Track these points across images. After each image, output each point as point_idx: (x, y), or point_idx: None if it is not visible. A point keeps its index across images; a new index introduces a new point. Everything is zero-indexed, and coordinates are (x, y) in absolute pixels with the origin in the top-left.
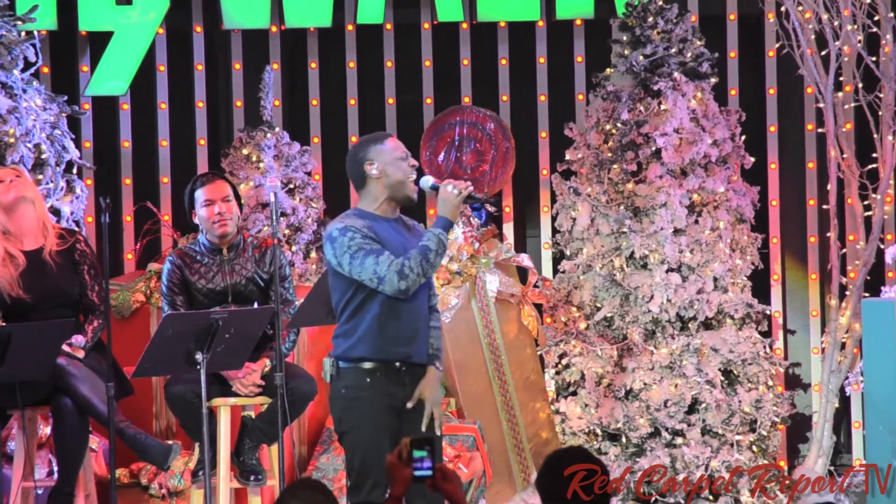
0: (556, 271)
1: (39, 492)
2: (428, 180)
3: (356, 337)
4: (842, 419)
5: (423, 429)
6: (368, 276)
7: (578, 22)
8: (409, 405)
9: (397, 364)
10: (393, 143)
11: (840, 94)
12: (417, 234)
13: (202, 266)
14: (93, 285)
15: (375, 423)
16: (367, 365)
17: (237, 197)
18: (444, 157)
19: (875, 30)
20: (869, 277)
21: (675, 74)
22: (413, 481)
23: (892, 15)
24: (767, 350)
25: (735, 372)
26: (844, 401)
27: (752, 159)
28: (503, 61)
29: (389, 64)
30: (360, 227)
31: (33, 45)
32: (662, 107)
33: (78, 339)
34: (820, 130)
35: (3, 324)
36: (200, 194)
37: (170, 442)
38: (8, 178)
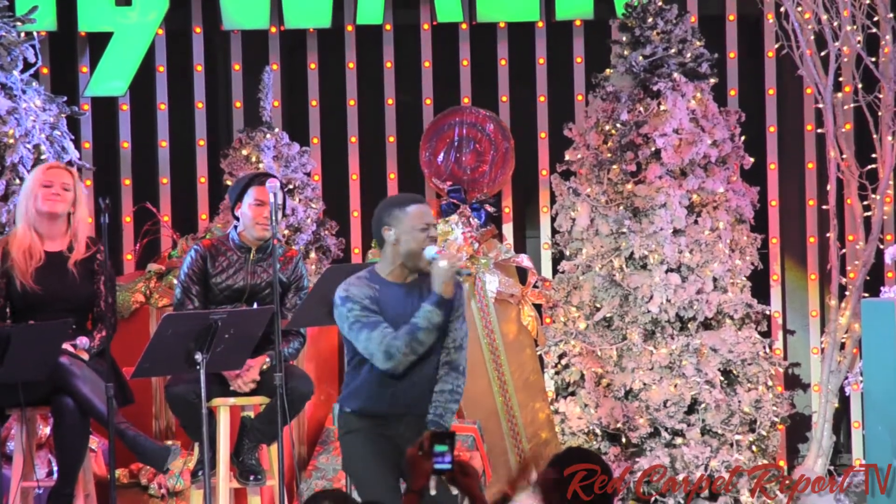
0: (555, 272)
1: (39, 492)
2: (431, 251)
3: (352, 389)
4: (841, 419)
5: (433, 492)
6: (361, 349)
7: (578, 22)
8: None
9: (395, 415)
10: (416, 210)
11: (839, 94)
12: (428, 292)
13: (226, 260)
14: (106, 296)
15: (373, 451)
16: (375, 413)
17: (284, 204)
18: (443, 158)
19: (874, 30)
20: (868, 278)
21: (675, 75)
22: (433, 474)
23: (891, 15)
24: (767, 350)
25: (734, 372)
26: (844, 401)
27: (752, 160)
28: (503, 62)
29: (389, 64)
30: (360, 297)
31: (33, 46)
32: (662, 107)
33: (83, 341)
34: (819, 131)
35: (9, 321)
36: (253, 192)
37: (168, 442)
38: (58, 184)
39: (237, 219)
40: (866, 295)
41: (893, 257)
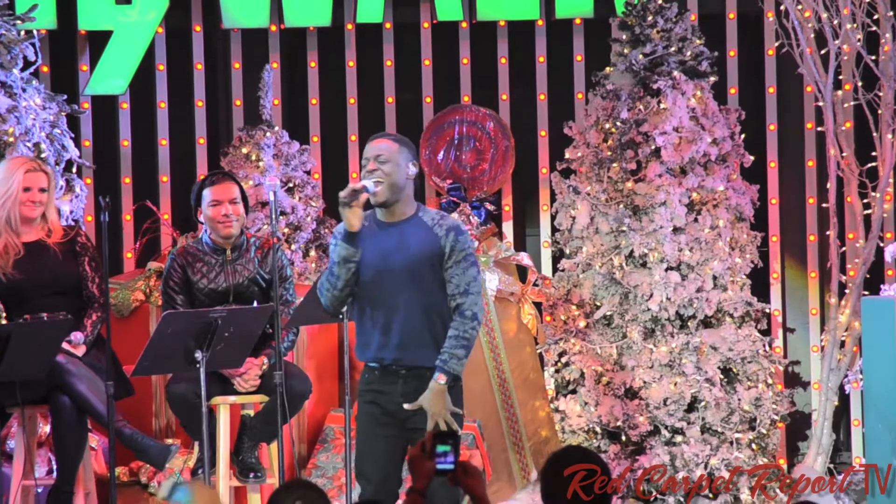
0: (555, 270)
1: (39, 490)
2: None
3: (357, 338)
4: (841, 417)
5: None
6: None
7: (578, 21)
8: (406, 406)
9: (382, 365)
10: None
11: (839, 92)
12: (411, 234)
13: (205, 265)
14: (93, 277)
15: (365, 421)
16: (370, 364)
17: (244, 198)
18: (443, 156)
19: (874, 28)
20: (868, 276)
21: (675, 73)
22: (435, 475)
23: (891, 14)
24: (767, 348)
25: (734, 370)
26: (844, 399)
27: (752, 158)
28: (503, 60)
29: (389, 63)
30: (338, 232)
31: (33, 45)
32: (662, 105)
33: (77, 336)
34: (819, 129)
35: (4, 315)
36: (208, 194)
37: (168, 441)
38: (36, 189)
39: (202, 223)
40: (866, 293)
41: (893, 255)
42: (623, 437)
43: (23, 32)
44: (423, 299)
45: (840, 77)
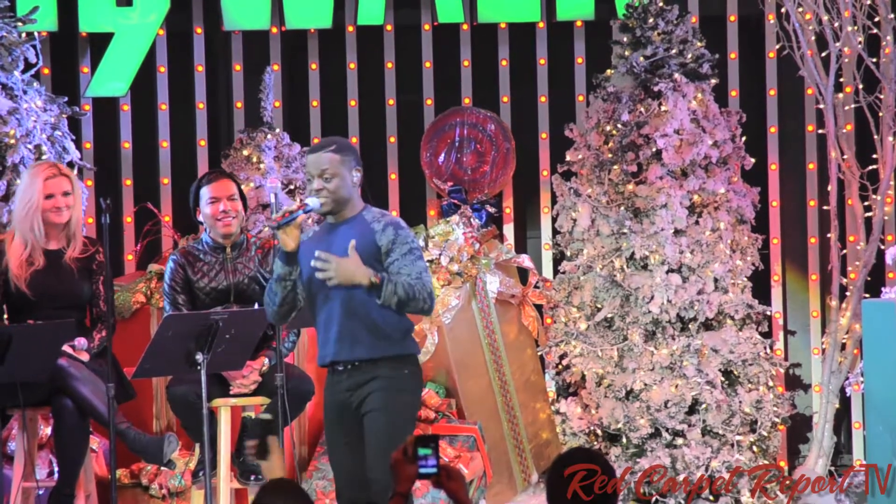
0: (556, 272)
1: (40, 492)
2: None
3: None
4: (842, 420)
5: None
6: None
7: (579, 23)
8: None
9: (326, 363)
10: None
11: (840, 95)
12: (349, 233)
13: (205, 265)
14: (106, 296)
15: (328, 423)
16: (326, 366)
17: (242, 196)
18: (444, 158)
19: (875, 31)
20: (869, 278)
21: (676, 75)
22: (418, 479)
23: (892, 16)
24: (768, 351)
25: (735, 372)
26: (845, 401)
27: (753, 160)
28: (504, 62)
29: (390, 65)
30: (278, 250)
31: (34, 47)
32: (663, 108)
33: (81, 342)
34: (820, 131)
35: (7, 322)
36: (206, 192)
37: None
38: (59, 194)
39: (202, 223)
40: (867, 295)
41: (894, 258)
42: (624, 440)
43: (24, 34)
44: (359, 294)
45: (841, 79)
